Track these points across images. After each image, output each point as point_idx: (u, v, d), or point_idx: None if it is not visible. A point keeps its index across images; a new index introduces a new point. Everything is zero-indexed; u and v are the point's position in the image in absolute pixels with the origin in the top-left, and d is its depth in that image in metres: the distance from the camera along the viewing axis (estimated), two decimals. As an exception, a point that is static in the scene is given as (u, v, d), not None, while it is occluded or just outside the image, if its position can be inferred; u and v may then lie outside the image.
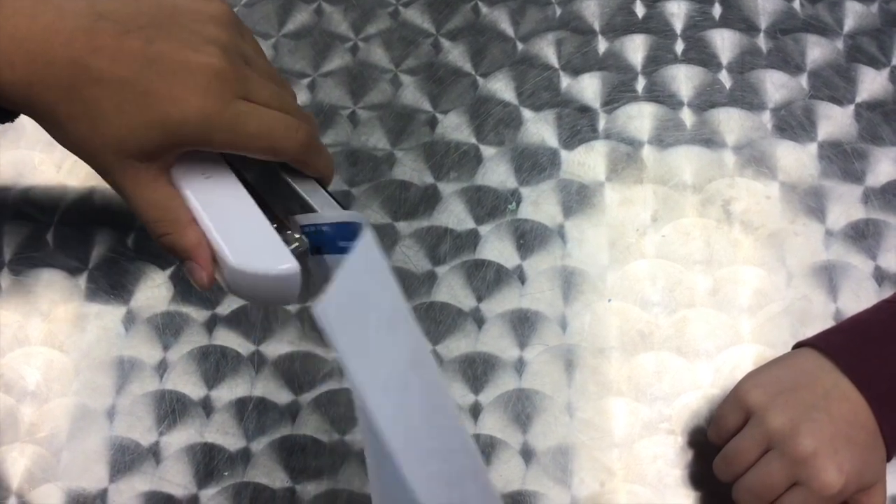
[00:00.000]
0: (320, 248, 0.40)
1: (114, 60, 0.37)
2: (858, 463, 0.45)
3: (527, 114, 0.60)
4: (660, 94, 0.61)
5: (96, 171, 0.40)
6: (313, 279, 0.41)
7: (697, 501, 0.51)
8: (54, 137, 0.39)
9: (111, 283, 0.57)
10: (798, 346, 0.51)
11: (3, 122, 0.44)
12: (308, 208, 0.41)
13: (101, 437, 0.52)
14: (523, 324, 0.55)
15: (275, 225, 0.40)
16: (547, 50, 0.62)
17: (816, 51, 0.62)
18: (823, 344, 0.49)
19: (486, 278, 0.56)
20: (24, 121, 0.41)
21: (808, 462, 0.44)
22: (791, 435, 0.44)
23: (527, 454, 0.52)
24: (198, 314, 0.55)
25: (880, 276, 0.55)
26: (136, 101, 0.37)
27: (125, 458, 0.52)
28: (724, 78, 0.61)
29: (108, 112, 0.37)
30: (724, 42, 0.62)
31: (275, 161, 0.42)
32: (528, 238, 0.57)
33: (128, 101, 0.37)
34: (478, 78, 0.62)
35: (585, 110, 0.60)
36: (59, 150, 0.39)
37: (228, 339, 0.55)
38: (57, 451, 0.52)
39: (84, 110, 0.37)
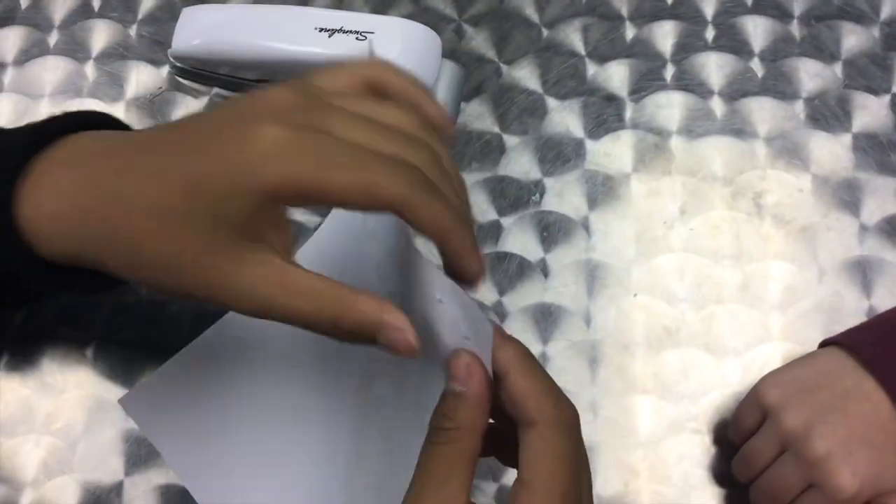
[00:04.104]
0: None
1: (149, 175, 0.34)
2: (876, 465, 0.43)
3: (551, 102, 0.59)
4: (689, 83, 0.59)
5: (188, 285, 0.34)
6: None
7: (724, 502, 0.50)
8: (138, 277, 0.36)
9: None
10: (824, 343, 0.49)
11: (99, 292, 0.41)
12: None
13: (117, 429, 0.52)
14: (546, 318, 0.54)
15: None
16: (573, 36, 0.61)
17: (852, 38, 0.60)
18: (849, 341, 0.47)
19: (509, 271, 0.55)
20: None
21: (821, 465, 0.43)
22: (805, 436, 0.44)
23: (549, 452, 0.51)
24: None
25: (916, 273, 0.54)
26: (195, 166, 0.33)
27: (141, 451, 0.51)
28: (756, 66, 0.59)
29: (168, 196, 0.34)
30: (757, 29, 0.60)
31: None
32: (552, 230, 0.55)
33: (186, 174, 0.33)
34: (501, 65, 0.60)
35: (612, 99, 0.59)
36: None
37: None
38: (73, 443, 0.51)
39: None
